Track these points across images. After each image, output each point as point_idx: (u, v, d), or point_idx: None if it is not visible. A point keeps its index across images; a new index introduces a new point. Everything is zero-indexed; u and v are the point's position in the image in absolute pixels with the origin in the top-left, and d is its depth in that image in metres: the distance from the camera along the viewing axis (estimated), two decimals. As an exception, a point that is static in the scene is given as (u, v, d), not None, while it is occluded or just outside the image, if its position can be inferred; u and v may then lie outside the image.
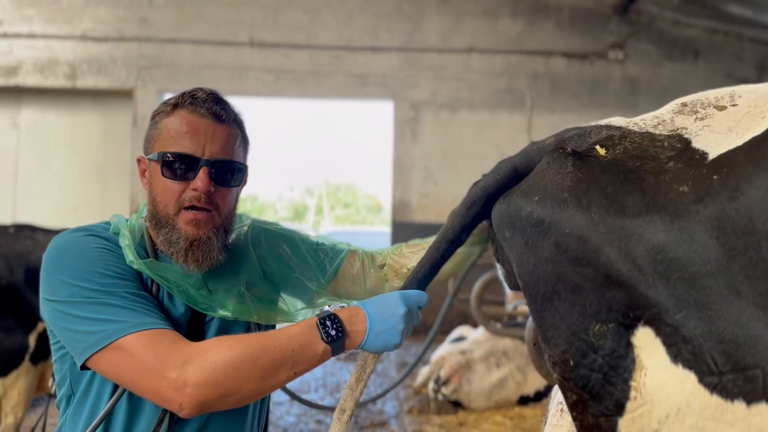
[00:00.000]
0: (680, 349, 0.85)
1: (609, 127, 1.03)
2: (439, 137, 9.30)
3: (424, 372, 5.67)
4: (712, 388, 0.82)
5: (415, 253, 1.53)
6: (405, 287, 1.23)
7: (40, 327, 2.96)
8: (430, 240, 1.48)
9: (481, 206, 1.13)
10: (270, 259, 1.51)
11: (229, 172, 1.36)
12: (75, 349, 1.22)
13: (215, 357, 1.14)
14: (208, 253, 1.34)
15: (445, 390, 5.17)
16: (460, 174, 9.12)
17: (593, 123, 1.05)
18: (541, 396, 5.31)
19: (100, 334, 1.18)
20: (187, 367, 1.13)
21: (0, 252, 2.97)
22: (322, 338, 1.17)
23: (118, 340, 1.17)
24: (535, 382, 5.29)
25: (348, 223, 35.58)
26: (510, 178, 1.08)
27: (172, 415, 1.29)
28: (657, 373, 0.87)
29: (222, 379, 1.13)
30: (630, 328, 0.89)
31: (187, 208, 1.32)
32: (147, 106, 9.12)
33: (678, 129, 0.99)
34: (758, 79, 9.03)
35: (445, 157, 9.29)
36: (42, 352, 2.99)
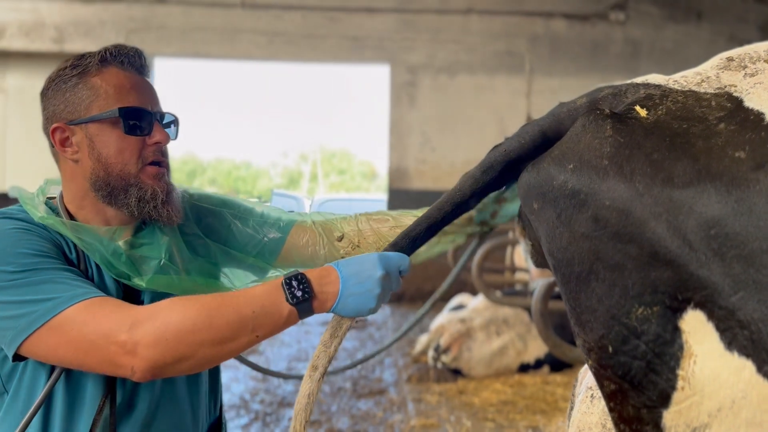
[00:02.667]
0: (736, 335, 0.76)
1: (646, 85, 0.92)
2: (437, 102, 9.13)
3: (423, 340, 5.65)
4: (773, 378, 0.74)
5: (382, 226, 1.37)
6: (394, 246, 1.12)
7: None
8: (400, 213, 1.37)
9: (498, 172, 1.01)
10: (202, 234, 1.41)
11: (173, 125, 1.36)
12: (4, 339, 1.11)
13: (167, 318, 1.06)
14: (179, 204, 1.32)
15: (444, 358, 5.15)
16: (459, 140, 8.97)
17: (628, 81, 0.94)
18: (541, 363, 5.31)
19: (32, 315, 1.08)
20: (136, 328, 1.05)
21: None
22: (287, 299, 1.08)
23: (55, 318, 1.08)
24: (535, 349, 5.28)
25: (343, 190, 35.39)
26: (537, 143, 0.96)
27: (113, 401, 1.20)
28: (708, 361, 0.78)
29: (174, 341, 1.05)
30: (678, 311, 0.80)
31: (148, 164, 1.28)
32: (137, 70, 8.89)
33: (725, 86, 0.88)
34: (762, 41, 8.86)
35: (442, 123, 9.14)
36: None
